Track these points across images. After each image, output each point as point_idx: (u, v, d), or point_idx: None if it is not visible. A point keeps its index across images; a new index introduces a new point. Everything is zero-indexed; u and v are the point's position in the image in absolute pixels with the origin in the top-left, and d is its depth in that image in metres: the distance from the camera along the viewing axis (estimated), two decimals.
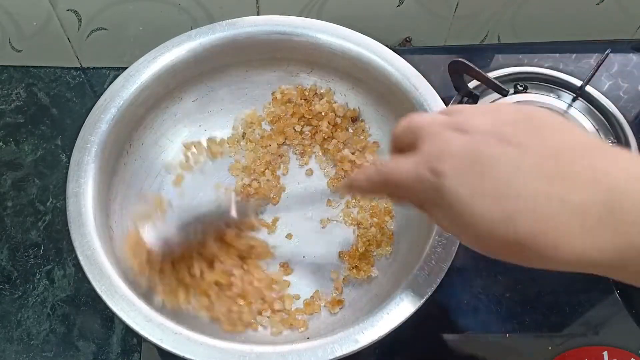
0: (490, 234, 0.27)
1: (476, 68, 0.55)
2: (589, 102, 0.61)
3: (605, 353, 0.47)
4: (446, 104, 0.48)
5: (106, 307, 0.38)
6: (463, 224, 0.28)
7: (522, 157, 0.27)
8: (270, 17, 0.52)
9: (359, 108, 0.55)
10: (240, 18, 0.52)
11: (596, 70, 0.59)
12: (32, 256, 0.53)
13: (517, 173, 0.27)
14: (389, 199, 0.34)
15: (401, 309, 0.39)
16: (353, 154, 0.54)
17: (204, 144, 0.54)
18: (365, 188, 0.34)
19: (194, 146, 0.54)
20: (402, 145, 0.32)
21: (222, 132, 0.56)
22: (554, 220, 0.26)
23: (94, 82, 0.65)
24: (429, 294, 0.39)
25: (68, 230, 0.41)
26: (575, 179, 0.26)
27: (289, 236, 0.51)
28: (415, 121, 0.32)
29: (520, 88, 0.62)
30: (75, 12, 0.60)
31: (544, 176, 0.26)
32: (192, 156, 0.54)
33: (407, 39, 0.67)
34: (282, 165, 0.55)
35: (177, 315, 0.41)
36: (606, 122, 0.59)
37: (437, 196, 0.29)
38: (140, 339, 0.49)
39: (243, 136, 0.56)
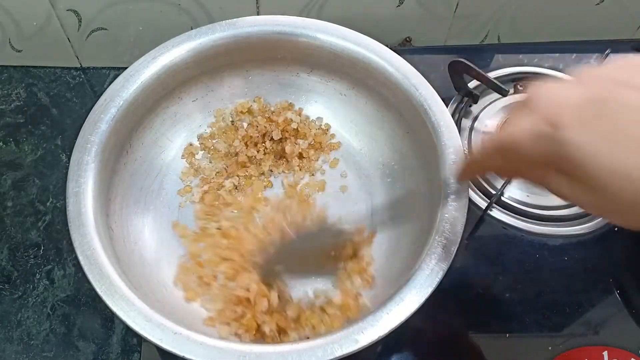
0: (621, 191, 0.24)
1: (476, 68, 0.55)
2: None
3: (605, 353, 0.47)
4: (446, 104, 0.48)
5: (106, 307, 0.38)
6: (589, 183, 0.25)
7: None
8: (270, 17, 0.52)
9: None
10: (240, 18, 0.52)
11: None
12: (32, 256, 0.53)
13: None
14: (501, 175, 0.32)
15: (401, 309, 0.39)
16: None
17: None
18: (481, 161, 0.32)
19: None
20: (517, 115, 0.29)
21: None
22: None
23: (94, 82, 0.65)
24: (429, 293, 0.39)
25: (68, 230, 0.41)
26: None
27: None
28: (529, 89, 0.29)
29: (520, 88, 0.62)
30: (75, 12, 0.60)
31: None
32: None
33: (407, 39, 0.67)
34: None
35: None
36: None
37: (557, 154, 0.26)
38: (140, 339, 0.49)
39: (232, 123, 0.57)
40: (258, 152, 0.55)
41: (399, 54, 0.51)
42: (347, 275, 0.48)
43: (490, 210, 0.54)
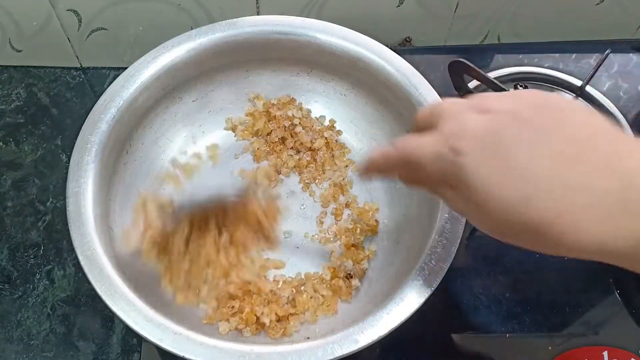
0: (505, 216, 0.27)
1: (476, 68, 0.55)
2: (589, 102, 0.61)
3: (605, 353, 0.47)
4: None
5: (106, 307, 0.38)
6: (478, 205, 0.28)
7: (541, 140, 0.27)
8: (270, 17, 0.52)
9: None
10: (240, 18, 0.52)
11: (596, 70, 0.59)
12: (32, 256, 0.53)
13: (536, 155, 0.26)
14: (402, 181, 0.34)
15: (401, 309, 0.39)
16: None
17: (203, 151, 0.55)
18: (382, 167, 0.34)
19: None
20: (423, 128, 0.32)
21: (222, 132, 0.56)
22: (571, 205, 0.26)
23: (94, 82, 0.65)
24: (429, 293, 0.39)
25: (68, 230, 0.41)
26: (593, 165, 0.26)
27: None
28: (438, 104, 0.32)
29: (521, 88, 0.62)
30: (75, 12, 0.60)
31: (562, 160, 0.26)
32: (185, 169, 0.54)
33: (407, 39, 0.67)
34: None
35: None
36: None
37: (454, 175, 0.29)
38: (140, 339, 0.49)
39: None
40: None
41: (399, 54, 0.51)
42: (340, 259, 0.49)
43: None
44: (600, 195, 0.25)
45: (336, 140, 0.56)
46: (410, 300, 0.39)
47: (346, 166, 0.55)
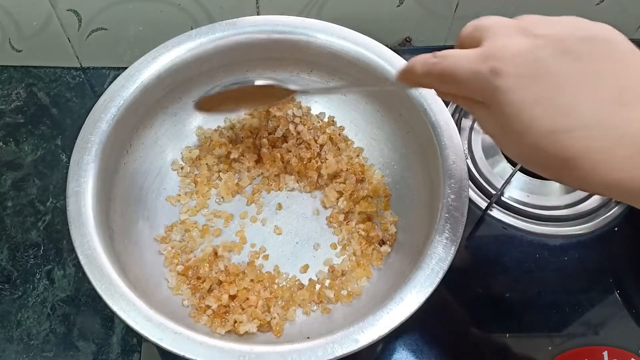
0: (536, 144, 0.27)
1: None
2: None
3: (605, 353, 0.47)
4: (446, 104, 0.48)
5: (106, 307, 0.38)
6: (510, 130, 0.28)
7: (587, 74, 0.26)
8: (270, 17, 0.52)
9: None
10: (240, 18, 0.52)
11: None
12: (32, 256, 0.53)
13: (578, 89, 0.26)
14: (436, 92, 0.33)
15: (401, 309, 0.39)
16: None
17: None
18: (419, 75, 0.33)
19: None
20: (467, 45, 0.31)
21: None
22: (601, 142, 0.26)
23: (94, 82, 0.65)
24: (429, 293, 0.39)
25: (68, 230, 0.41)
26: (632, 107, 0.26)
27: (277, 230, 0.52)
28: (484, 20, 0.31)
29: None
30: (75, 12, 0.60)
31: (603, 98, 0.26)
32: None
33: (407, 39, 0.67)
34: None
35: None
36: None
37: (490, 96, 0.28)
38: (141, 339, 0.49)
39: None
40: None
41: (399, 54, 0.51)
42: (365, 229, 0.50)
43: (490, 210, 0.54)
44: (633, 139, 0.26)
45: (339, 134, 0.56)
46: (410, 300, 0.39)
47: (357, 155, 0.55)
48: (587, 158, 0.26)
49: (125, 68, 0.49)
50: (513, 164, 0.56)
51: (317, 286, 0.48)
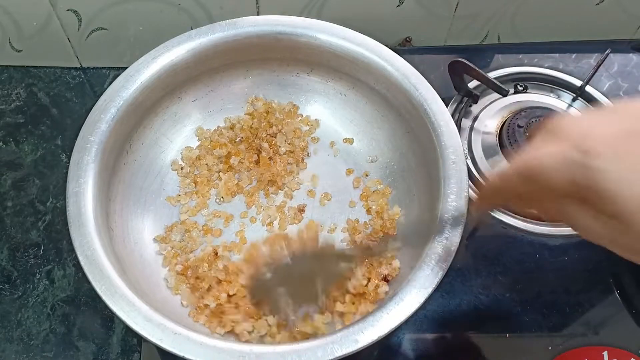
0: None
1: (476, 68, 0.55)
2: (589, 102, 0.61)
3: (605, 353, 0.47)
4: (446, 104, 0.48)
5: (106, 307, 0.38)
6: (618, 216, 0.24)
7: None
8: (270, 17, 0.52)
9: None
10: (240, 18, 0.52)
11: (596, 70, 0.59)
12: (32, 256, 0.53)
13: None
14: (519, 206, 0.31)
15: (401, 309, 0.39)
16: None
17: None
18: (501, 186, 0.30)
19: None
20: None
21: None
22: None
23: (94, 82, 0.65)
24: (429, 293, 0.39)
25: (68, 230, 0.41)
26: None
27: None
28: (551, 122, 0.28)
29: (520, 88, 0.62)
30: (75, 12, 0.60)
31: None
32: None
33: (407, 39, 0.67)
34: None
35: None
36: None
37: (586, 181, 0.25)
38: (140, 339, 0.49)
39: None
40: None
41: (399, 54, 0.51)
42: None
43: (490, 210, 0.54)
44: None
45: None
46: (410, 301, 0.39)
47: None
48: None
49: (125, 68, 0.49)
50: None
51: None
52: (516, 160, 0.29)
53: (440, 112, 0.47)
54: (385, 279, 0.46)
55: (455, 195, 0.43)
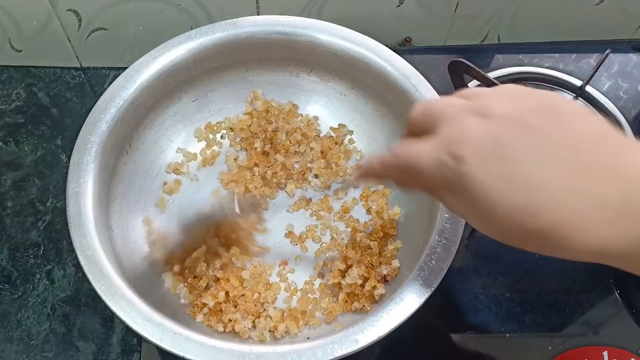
0: (510, 222, 0.27)
1: (476, 68, 0.55)
2: (589, 102, 0.61)
3: (605, 353, 0.47)
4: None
5: (106, 307, 0.38)
6: (482, 211, 0.28)
7: (544, 146, 0.27)
8: (270, 17, 0.52)
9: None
10: (240, 18, 0.52)
11: (596, 70, 0.59)
12: (32, 256, 0.53)
13: (540, 162, 0.26)
14: (398, 186, 0.34)
15: (401, 309, 0.39)
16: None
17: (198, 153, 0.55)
18: (379, 173, 0.34)
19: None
20: (419, 130, 0.31)
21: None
22: (577, 211, 0.26)
23: (94, 82, 0.65)
24: (429, 293, 0.39)
25: (68, 230, 0.41)
26: (596, 170, 0.26)
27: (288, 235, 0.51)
28: (433, 105, 0.31)
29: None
30: (75, 12, 0.60)
31: (567, 168, 0.26)
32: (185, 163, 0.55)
33: (407, 39, 0.67)
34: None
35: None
36: None
37: (455, 182, 0.28)
38: (140, 339, 0.49)
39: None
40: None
41: (399, 54, 0.51)
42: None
43: None
44: (605, 201, 0.26)
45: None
46: (410, 301, 0.39)
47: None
48: (565, 229, 0.26)
49: (125, 68, 0.49)
50: None
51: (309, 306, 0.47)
52: (395, 152, 0.32)
53: None
54: (384, 279, 0.46)
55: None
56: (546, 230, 0.26)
